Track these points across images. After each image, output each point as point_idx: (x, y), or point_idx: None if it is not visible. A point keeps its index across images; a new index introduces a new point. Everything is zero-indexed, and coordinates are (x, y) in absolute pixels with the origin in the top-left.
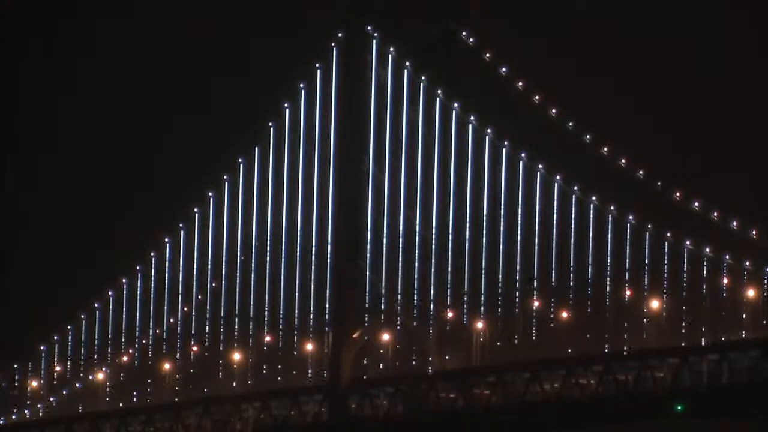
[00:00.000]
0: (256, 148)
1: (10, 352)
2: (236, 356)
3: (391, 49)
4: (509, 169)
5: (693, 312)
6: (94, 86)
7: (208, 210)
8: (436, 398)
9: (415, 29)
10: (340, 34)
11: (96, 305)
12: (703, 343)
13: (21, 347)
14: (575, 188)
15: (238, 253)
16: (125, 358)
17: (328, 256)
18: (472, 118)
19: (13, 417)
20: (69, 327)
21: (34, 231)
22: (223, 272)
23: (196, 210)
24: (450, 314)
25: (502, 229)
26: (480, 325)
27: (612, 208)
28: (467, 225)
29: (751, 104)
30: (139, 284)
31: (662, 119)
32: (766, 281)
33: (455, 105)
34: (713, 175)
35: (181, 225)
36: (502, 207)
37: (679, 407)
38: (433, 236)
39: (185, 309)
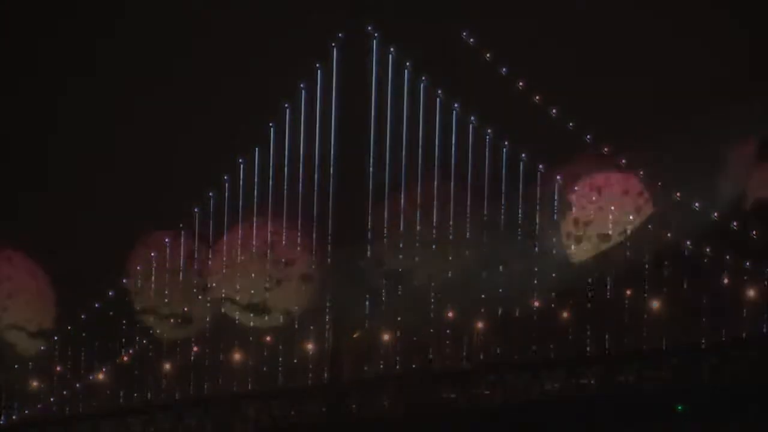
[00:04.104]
0: (256, 148)
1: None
2: (236, 356)
3: (391, 49)
4: (509, 168)
5: (693, 312)
6: (93, 86)
7: (208, 210)
8: (436, 398)
9: (416, 29)
10: (340, 34)
11: (96, 305)
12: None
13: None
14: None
15: (239, 253)
16: (125, 358)
17: (328, 255)
18: (472, 118)
19: (14, 417)
20: (69, 327)
21: (34, 230)
22: (223, 272)
23: (196, 210)
24: (450, 314)
25: (502, 228)
26: (480, 324)
27: (612, 208)
28: (467, 224)
29: (752, 103)
30: (139, 284)
31: (662, 119)
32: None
33: (455, 105)
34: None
35: (181, 225)
36: (502, 206)
37: (679, 407)
38: (433, 236)
39: (186, 309)
